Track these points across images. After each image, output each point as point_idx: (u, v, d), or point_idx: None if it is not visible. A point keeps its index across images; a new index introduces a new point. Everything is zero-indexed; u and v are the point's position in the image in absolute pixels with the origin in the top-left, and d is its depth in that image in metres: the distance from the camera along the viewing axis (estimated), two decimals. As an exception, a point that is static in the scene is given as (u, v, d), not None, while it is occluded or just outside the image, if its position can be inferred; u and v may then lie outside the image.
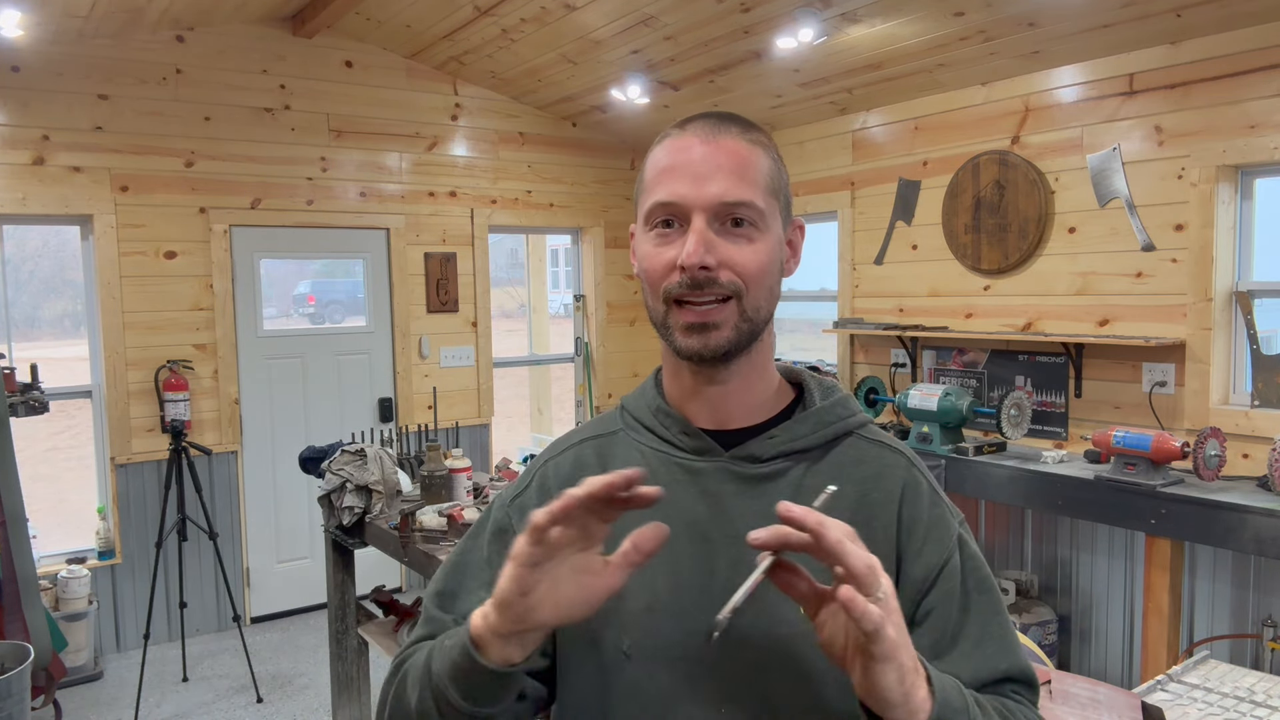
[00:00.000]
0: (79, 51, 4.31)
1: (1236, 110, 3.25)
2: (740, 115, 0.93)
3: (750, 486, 0.92)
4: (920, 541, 0.90)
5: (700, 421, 0.95)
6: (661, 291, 0.89)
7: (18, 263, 4.83)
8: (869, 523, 0.89)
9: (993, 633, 0.90)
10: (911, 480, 0.94)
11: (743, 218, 0.87)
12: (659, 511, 0.88)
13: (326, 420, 5.05)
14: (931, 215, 4.38)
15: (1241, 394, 3.38)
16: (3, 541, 3.33)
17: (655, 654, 0.89)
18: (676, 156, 0.89)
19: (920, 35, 3.74)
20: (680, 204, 0.87)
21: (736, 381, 0.93)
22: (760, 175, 0.89)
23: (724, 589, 0.85)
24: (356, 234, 5.13)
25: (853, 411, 0.98)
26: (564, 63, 4.78)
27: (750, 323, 0.89)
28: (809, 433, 0.94)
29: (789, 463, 0.93)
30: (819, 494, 0.85)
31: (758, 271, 0.88)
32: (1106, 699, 1.61)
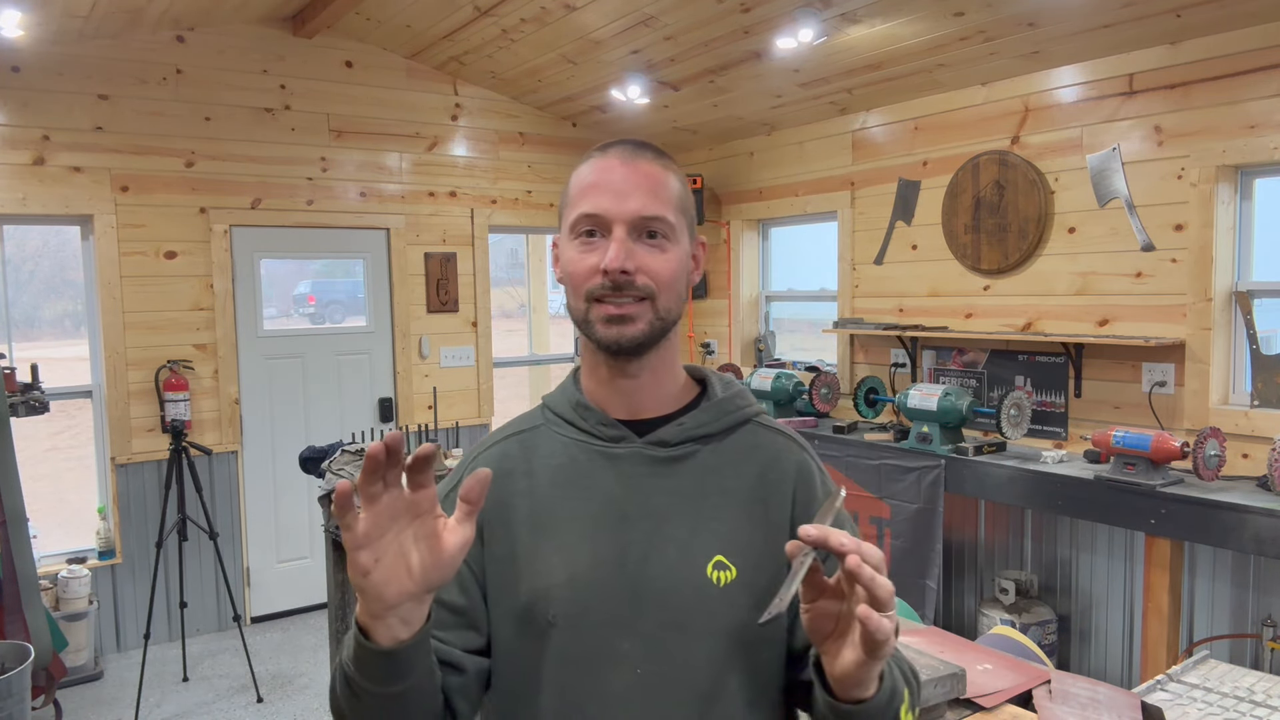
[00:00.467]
0: (79, 51, 4.31)
1: (1236, 110, 3.25)
2: (653, 144, 1.06)
3: (661, 467, 1.03)
4: (812, 516, 1.01)
5: (616, 413, 1.06)
6: (584, 292, 1.00)
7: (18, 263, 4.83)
8: (767, 499, 1.04)
9: None
10: (804, 463, 1.08)
11: (656, 230, 1.00)
12: (580, 492, 1.03)
13: (326, 420, 5.05)
14: (931, 215, 4.38)
15: (1241, 394, 3.39)
16: (3, 541, 3.33)
17: (578, 621, 0.99)
18: (600, 175, 1.01)
19: (920, 35, 3.74)
20: (603, 216, 0.99)
21: (647, 375, 1.05)
22: (671, 195, 1.02)
23: (637, 560, 0.99)
24: (356, 234, 5.14)
25: (750, 403, 1.11)
26: (564, 63, 4.79)
27: (662, 321, 1.01)
28: (711, 420, 1.06)
29: (695, 446, 1.05)
30: (721, 473, 1.03)
31: (669, 277, 1.01)
32: (1106, 699, 1.61)
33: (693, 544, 1.00)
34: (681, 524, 1.01)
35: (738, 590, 0.99)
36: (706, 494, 1.03)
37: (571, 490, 1.03)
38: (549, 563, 1.00)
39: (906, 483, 3.94)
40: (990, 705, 1.58)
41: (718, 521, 1.01)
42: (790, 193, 5.19)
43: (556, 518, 1.02)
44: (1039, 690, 1.65)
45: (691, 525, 1.01)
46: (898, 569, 3.99)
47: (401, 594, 0.81)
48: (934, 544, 3.84)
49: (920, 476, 3.88)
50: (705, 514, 1.02)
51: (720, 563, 0.99)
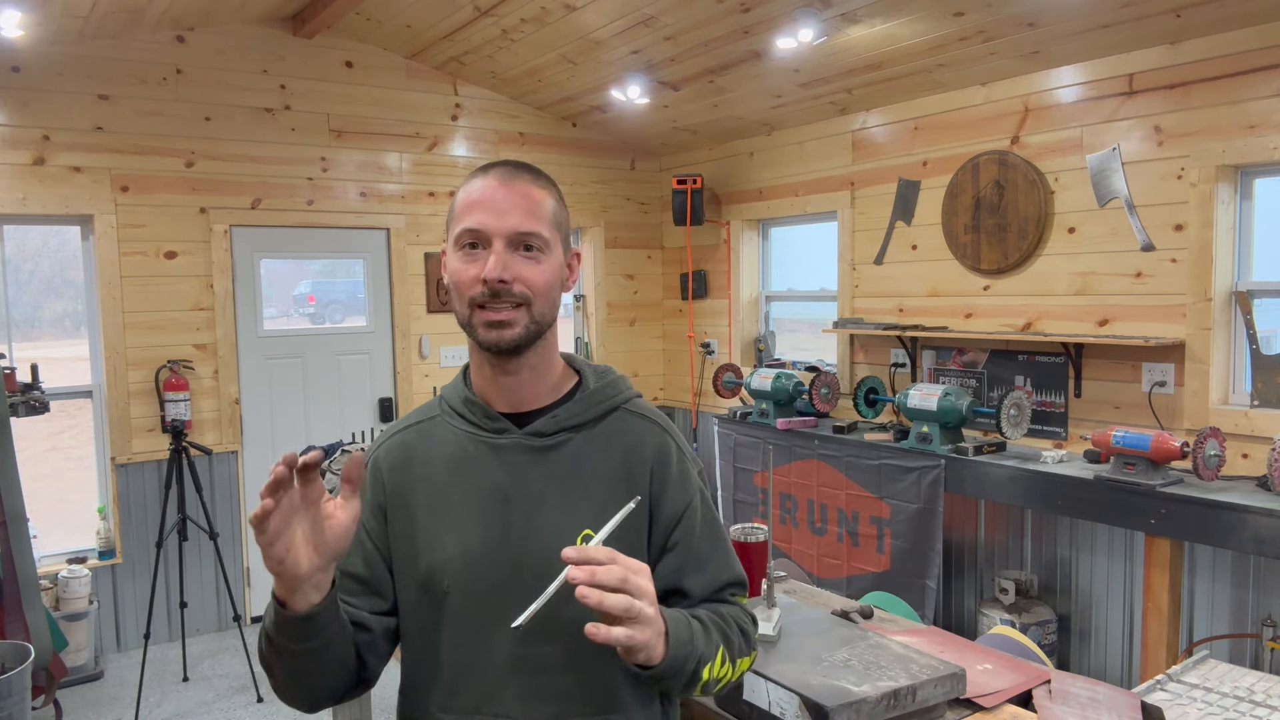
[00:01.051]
0: (79, 51, 4.32)
1: (1236, 110, 3.25)
2: (531, 164, 1.19)
3: (539, 455, 1.18)
4: (669, 491, 1.20)
5: (500, 406, 1.21)
6: (468, 299, 1.13)
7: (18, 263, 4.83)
8: (630, 478, 1.19)
9: (717, 552, 1.23)
10: (663, 444, 1.22)
11: (532, 244, 1.13)
12: (469, 478, 1.18)
13: (327, 420, 5.06)
14: (931, 215, 4.38)
15: (1241, 394, 3.39)
16: (3, 541, 3.33)
17: (468, 590, 1.15)
18: (482, 194, 1.14)
19: (920, 35, 3.74)
20: (484, 231, 1.12)
21: (527, 372, 1.19)
22: (546, 213, 1.15)
23: (520, 536, 1.16)
24: (356, 234, 5.14)
25: (619, 391, 1.25)
26: (564, 63, 4.79)
27: (537, 324, 1.15)
28: (583, 411, 1.21)
29: (569, 434, 1.19)
30: (592, 458, 1.18)
31: (543, 285, 1.14)
32: (1106, 699, 1.61)
33: (565, 521, 1.15)
34: (556, 504, 1.16)
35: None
36: (579, 477, 1.17)
37: (462, 476, 1.18)
38: (444, 540, 1.16)
39: (906, 483, 3.94)
40: (990, 705, 1.58)
41: (587, 501, 1.16)
42: (790, 193, 5.19)
43: (450, 501, 1.18)
44: (1039, 690, 1.65)
45: (564, 505, 1.16)
46: (898, 569, 3.99)
47: (311, 569, 0.99)
48: (934, 544, 3.84)
49: (920, 476, 3.88)
50: (576, 495, 1.16)
51: (588, 536, 1.12)
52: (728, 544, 1.26)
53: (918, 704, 1.46)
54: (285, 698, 1.14)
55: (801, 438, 4.48)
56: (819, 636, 1.65)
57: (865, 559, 4.16)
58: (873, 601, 2.62)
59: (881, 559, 4.08)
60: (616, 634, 0.96)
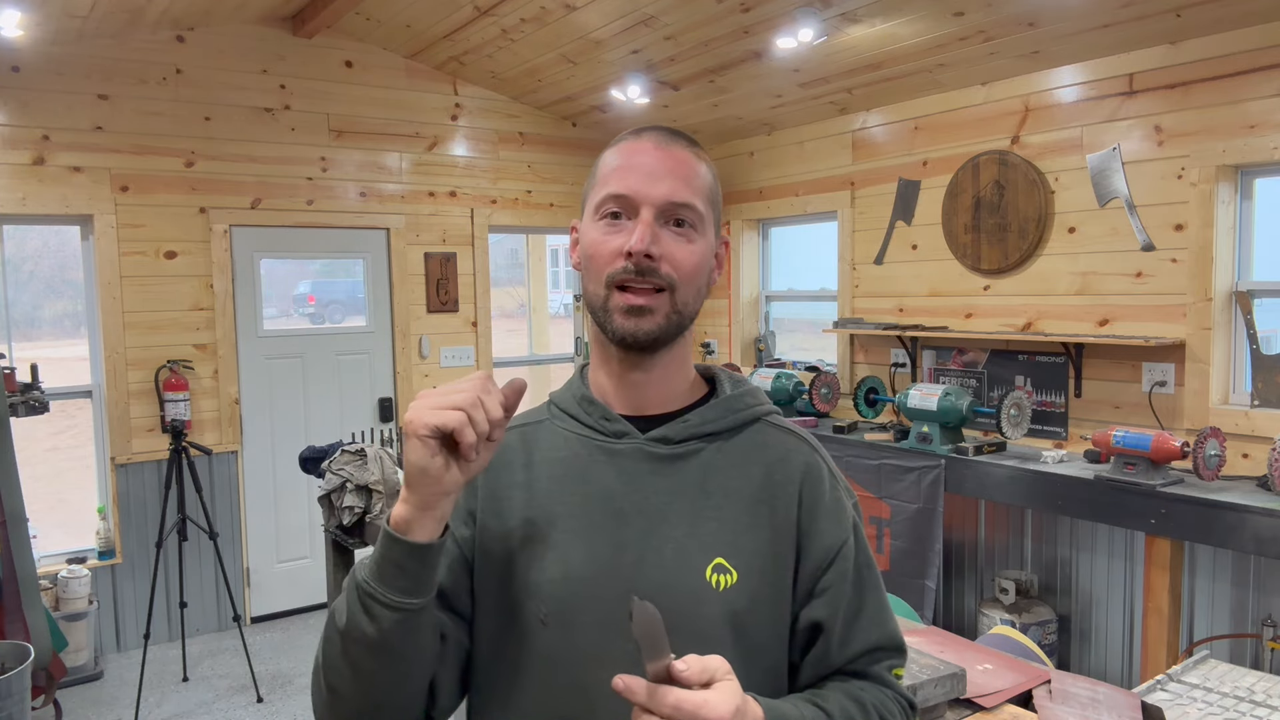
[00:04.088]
0: (79, 51, 4.31)
1: (1236, 110, 3.25)
2: (687, 133, 1.02)
3: (663, 465, 0.99)
4: (821, 523, 1.00)
5: (620, 408, 1.03)
6: (605, 276, 0.96)
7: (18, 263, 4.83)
8: (772, 502, 0.99)
9: (871, 608, 1.02)
10: (813, 464, 1.03)
11: (684, 219, 0.96)
12: (578, 486, 1.00)
13: (326, 420, 5.05)
14: (931, 215, 4.38)
15: (1241, 394, 3.39)
16: (3, 541, 3.33)
17: (570, 620, 0.95)
18: (631, 158, 0.98)
19: (920, 35, 3.74)
20: (632, 197, 0.95)
21: (658, 371, 1.02)
22: (703, 185, 0.99)
23: (634, 560, 0.96)
24: (356, 234, 5.13)
25: (760, 401, 1.08)
26: (564, 63, 4.78)
27: (679, 315, 0.98)
28: (718, 417, 1.03)
29: (700, 444, 1.01)
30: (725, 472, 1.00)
31: (692, 269, 0.97)
32: (1106, 699, 1.61)
33: (691, 545, 0.96)
34: (680, 523, 0.97)
35: (737, 595, 0.95)
36: (708, 493, 0.99)
37: (569, 485, 1.00)
38: (542, 559, 0.97)
39: (906, 483, 3.93)
40: (990, 705, 1.58)
41: (718, 522, 0.97)
42: (790, 192, 5.19)
43: (552, 513, 0.99)
44: (1039, 690, 1.65)
45: (690, 524, 0.97)
46: (897, 569, 3.99)
47: (454, 482, 0.86)
48: (934, 544, 3.84)
49: (920, 476, 3.87)
50: (706, 514, 0.98)
51: (720, 565, 0.95)
52: (884, 597, 1.05)
53: (918, 704, 1.46)
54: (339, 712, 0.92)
55: (801, 438, 4.47)
56: (819, 636, 1.65)
57: (865, 559, 4.15)
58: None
59: (881, 559, 4.07)
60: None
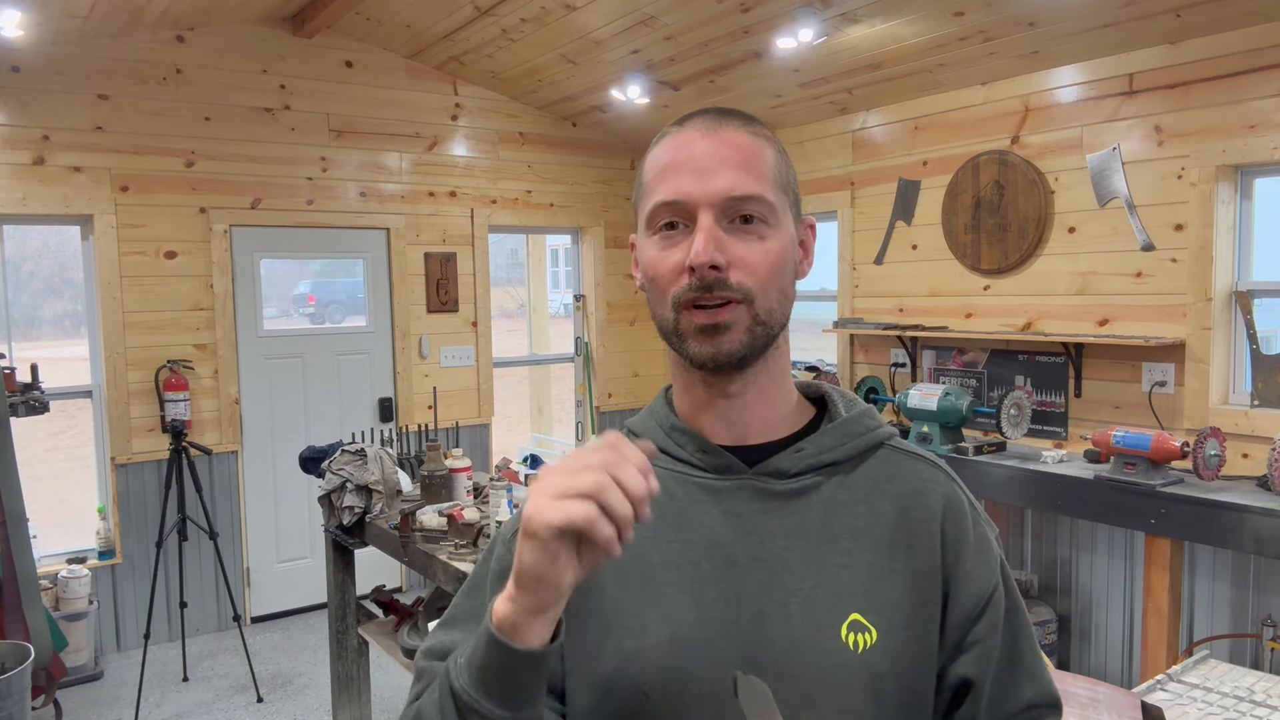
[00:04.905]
0: (79, 51, 4.31)
1: (1236, 110, 3.25)
2: (740, 110, 0.88)
3: (778, 504, 0.85)
4: (968, 564, 0.86)
5: (717, 438, 0.88)
6: (671, 298, 0.82)
7: (18, 263, 4.83)
8: (910, 542, 0.85)
9: (1024, 660, 0.89)
10: (953, 496, 0.89)
11: (752, 214, 0.81)
12: (678, 533, 0.84)
13: (326, 420, 5.05)
14: (931, 215, 4.38)
15: (1241, 394, 3.39)
16: (3, 541, 3.33)
17: (680, 693, 0.80)
18: (678, 153, 0.83)
19: (920, 35, 3.74)
20: (685, 202, 0.81)
21: (753, 393, 0.87)
22: (768, 168, 0.83)
23: (753, 618, 0.81)
24: (356, 234, 5.13)
25: (880, 423, 0.93)
26: (564, 63, 4.78)
27: (764, 326, 0.83)
28: (837, 444, 0.88)
29: (819, 478, 0.87)
30: (853, 510, 0.85)
31: (770, 272, 0.82)
32: (1106, 699, 1.61)
33: (821, 598, 0.82)
34: (806, 574, 0.82)
35: (879, 656, 0.81)
36: (836, 536, 0.84)
37: (667, 532, 0.85)
38: (642, 621, 0.82)
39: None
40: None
41: (851, 570, 0.83)
42: (790, 193, 5.18)
43: (650, 565, 0.84)
44: (1039, 690, 1.65)
45: (818, 575, 0.83)
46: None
47: (572, 584, 0.70)
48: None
49: (920, 476, 3.87)
50: (835, 561, 0.83)
51: (857, 623, 0.81)
52: (1036, 645, 0.92)
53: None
54: None
55: (801, 438, 4.47)
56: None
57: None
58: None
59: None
60: None
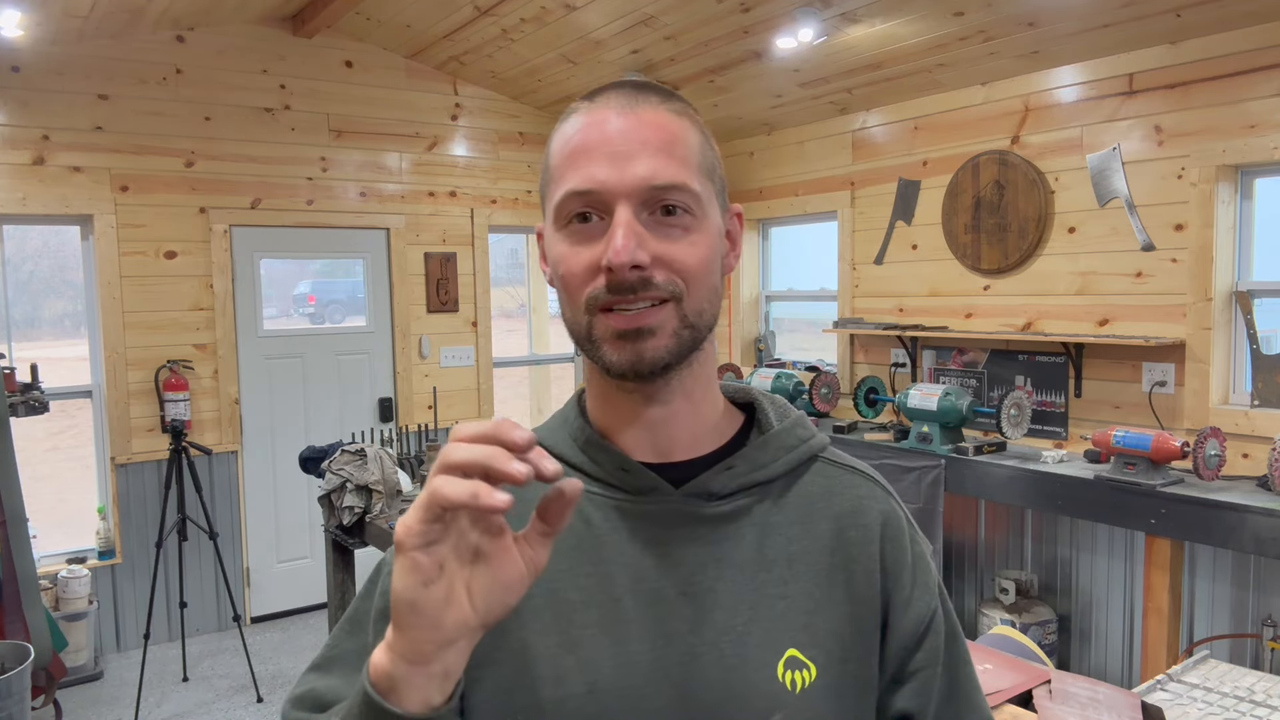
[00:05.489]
0: (79, 51, 4.31)
1: (1236, 110, 3.25)
2: (659, 84, 0.77)
3: (708, 529, 0.76)
4: (908, 588, 0.79)
5: (640, 454, 0.78)
6: (584, 300, 0.72)
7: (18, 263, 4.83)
8: (848, 566, 0.78)
9: (964, 690, 0.82)
10: (890, 513, 0.82)
11: (676, 204, 0.72)
12: (597, 566, 0.75)
13: (326, 420, 5.05)
14: (931, 215, 4.38)
15: (1241, 394, 3.39)
16: (3, 541, 3.33)
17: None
18: (590, 134, 0.73)
19: (920, 35, 3.74)
20: (599, 192, 0.71)
21: (679, 402, 0.77)
22: (692, 153, 0.74)
23: (682, 661, 0.72)
24: (356, 234, 5.13)
25: (813, 433, 0.85)
26: (564, 63, 4.79)
27: (692, 329, 0.74)
28: (770, 460, 0.80)
29: (751, 498, 0.78)
30: (787, 533, 0.78)
31: (699, 268, 0.73)
32: (1106, 699, 1.61)
33: (756, 635, 0.74)
34: (739, 608, 0.74)
35: (819, 695, 0.74)
36: (770, 563, 0.76)
37: (584, 564, 0.75)
38: (558, 669, 0.72)
39: (906, 482, 3.93)
40: (990, 705, 1.58)
41: (787, 601, 0.75)
42: (790, 192, 5.19)
43: (566, 603, 0.74)
44: (1039, 690, 1.65)
45: (752, 609, 0.74)
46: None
47: (459, 625, 0.59)
48: (934, 544, 3.84)
49: (920, 476, 3.87)
50: (770, 592, 0.75)
51: (795, 659, 0.73)
52: (974, 672, 0.84)
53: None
54: None
55: (801, 438, 4.47)
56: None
57: (865, 559, 4.15)
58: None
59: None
60: None
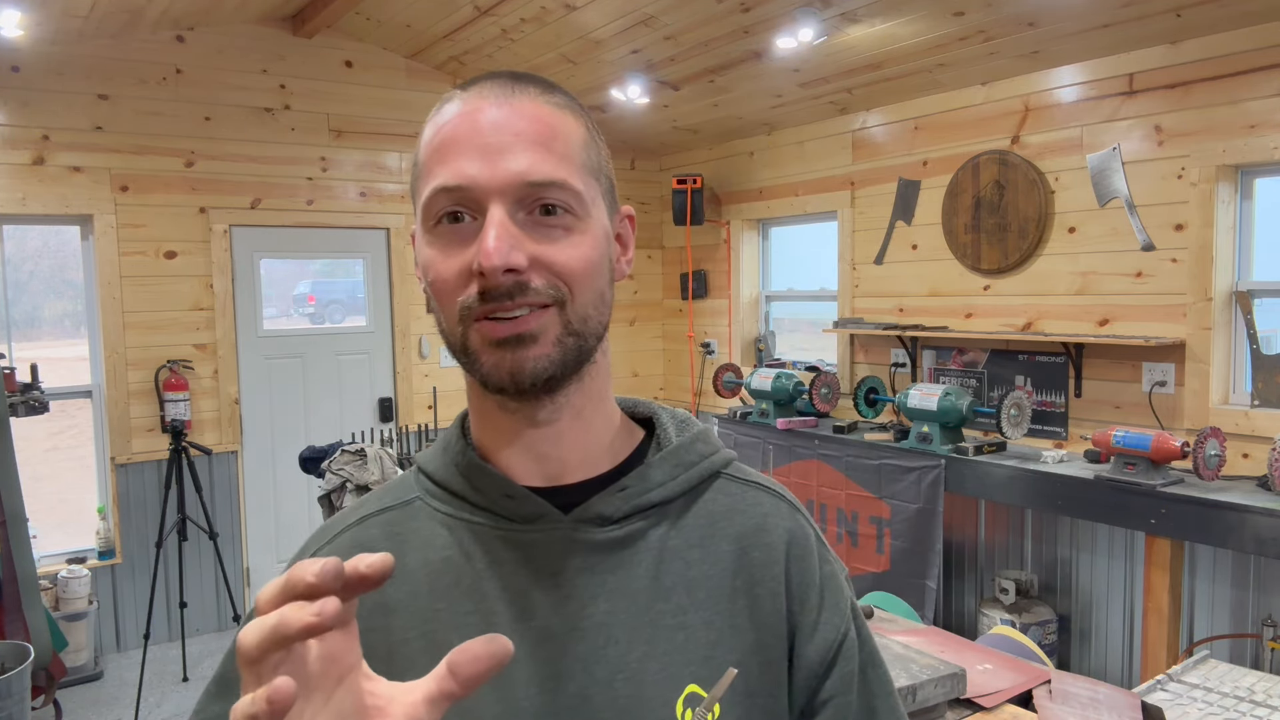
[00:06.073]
0: (79, 51, 4.31)
1: (1236, 110, 3.25)
2: (541, 76, 0.71)
3: (600, 558, 0.69)
4: (815, 611, 0.73)
5: (526, 478, 0.72)
6: (458, 309, 0.66)
7: (18, 263, 4.83)
8: (752, 590, 0.71)
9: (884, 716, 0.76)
10: (797, 530, 0.75)
11: (555, 203, 0.66)
12: (480, 603, 0.68)
13: (326, 420, 5.05)
14: (931, 215, 4.38)
15: (1241, 394, 3.39)
16: (3, 541, 3.33)
17: None
18: (461, 126, 0.67)
19: (920, 35, 3.74)
20: (469, 188, 0.65)
21: (568, 419, 0.71)
22: (574, 148, 0.68)
23: (573, 705, 0.66)
24: (356, 234, 5.14)
25: (716, 447, 0.78)
26: (564, 63, 4.79)
27: (578, 336, 0.68)
28: (668, 479, 0.73)
29: (646, 521, 0.71)
30: (685, 557, 0.71)
31: (582, 270, 0.67)
32: (1106, 699, 1.61)
33: (653, 671, 0.67)
34: (634, 642, 0.68)
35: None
36: (668, 592, 0.70)
37: (464, 602, 0.68)
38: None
39: (906, 483, 3.93)
40: (990, 705, 1.58)
41: (686, 633, 0.69)
42: (790, 193, 5.19)
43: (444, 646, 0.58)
44: (1039, 690, 1.65)
45: (649, 643, 0.68)
46: (898, 569, 3.99)
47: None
48: (934, 544, 3.84)
49: (920, 476, 3.87)
50: (667, 623, 0.69)
51: (695, 696, 0.67)
52: (897, 703, 0.77)
53: (918, 704, 1.46)
54: None
55: (801, 438, 4.48)
56: (819, 636, 1.65)
57: (865, 559, 4.16)
58: (873, 601, 2.62)
59: (881, 559, 4.07)
60: None
